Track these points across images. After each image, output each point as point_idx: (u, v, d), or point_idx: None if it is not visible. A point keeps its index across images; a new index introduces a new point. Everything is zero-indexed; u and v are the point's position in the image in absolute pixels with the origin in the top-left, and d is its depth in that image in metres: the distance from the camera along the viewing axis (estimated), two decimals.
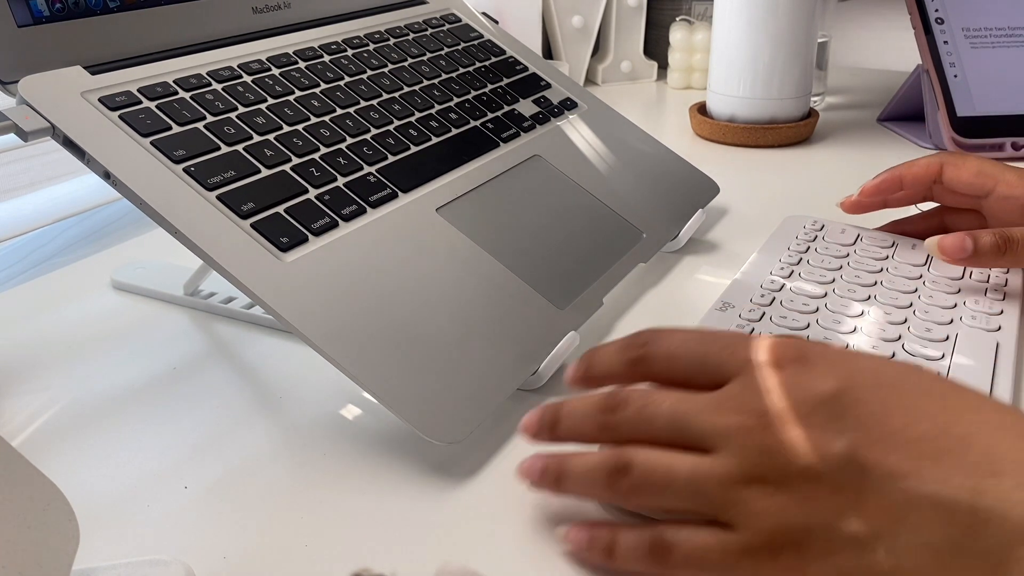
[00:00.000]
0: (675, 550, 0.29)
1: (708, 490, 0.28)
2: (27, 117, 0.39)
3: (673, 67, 1.00)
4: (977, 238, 0.46)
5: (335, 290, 0.39)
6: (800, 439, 0.27)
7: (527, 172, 0.53)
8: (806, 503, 0.27)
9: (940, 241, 0.46)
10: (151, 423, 0.40)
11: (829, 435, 0.27)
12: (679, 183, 0.60)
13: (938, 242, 0.46)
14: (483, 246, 0.45)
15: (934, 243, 0.47)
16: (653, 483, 0.29)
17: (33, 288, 0.55)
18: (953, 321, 0.44)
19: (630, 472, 0.29)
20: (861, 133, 0.83)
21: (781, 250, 0.52)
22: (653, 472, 0.29)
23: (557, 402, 0.33)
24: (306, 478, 0.36)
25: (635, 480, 0.29)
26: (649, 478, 0.29)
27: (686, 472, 0.29)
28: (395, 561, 0.32)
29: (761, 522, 0.27)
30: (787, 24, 0.75)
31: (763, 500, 0.27)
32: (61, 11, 0.43)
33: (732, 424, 0.28)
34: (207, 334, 0.48)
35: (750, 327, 0.43)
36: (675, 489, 0.29)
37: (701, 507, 0.28)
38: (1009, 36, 0.79)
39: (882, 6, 1.59)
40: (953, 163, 0.51)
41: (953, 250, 0.46)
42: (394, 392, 0.36)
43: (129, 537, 0.33)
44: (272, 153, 0.44)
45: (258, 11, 0.53)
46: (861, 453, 0.26)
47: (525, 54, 0.65)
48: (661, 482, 0.29)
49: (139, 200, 0.38)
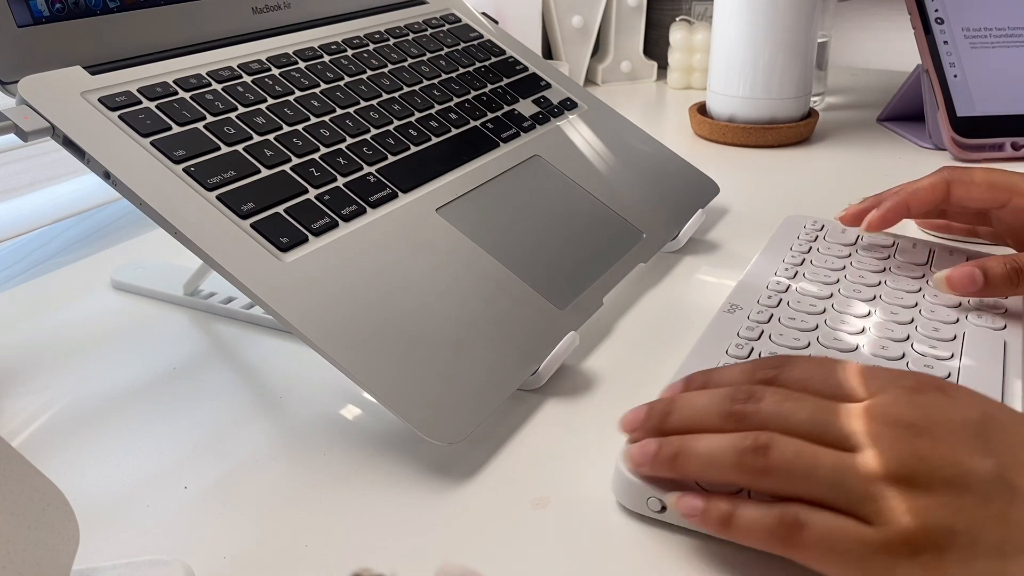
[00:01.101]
0: (808, 530, 0.29)
1: (852, 483, 0.28)
2: (27, 117, 0.39)
3: (673, 67, 1.00)
4: (987, 269, 0.44)
5: (335, 290, 0.39)
6: (951, 449, 0.28)
7: (527, 172, 0.53)
8: (952, 508, 0.27)
9: (948, 276, 0.45)
10: (151, 423, 0.40)
11: (978, 453, 0.28)
12: (679, 183, 0.60)
13: (946, 278, 0.45)
14: (483, 246, 0.45)
15: (942, 279, 0.45)
16: (793, 467, 0.29)
17: (33, 288, 0.55)
18: (959, 320, 0.44)
19: (768, 453, 0.30)
20: (861, 133, 0.83)
21: (784, 251, 0.52)
22: (796, 456, 0.29)
23: (666, 397, 0.34)
24: (306, 478, 0.36)
25: (773, 461, 0.29)
26: (790, 461, 0.29)
27: (830, 462, 0.29)
28: (395, 561, 0.32)
29: (905, 520, 0.27)
30: (787, 24, 0.75)
31: (909, 500, 0.28)
32: (61, 11, 0.43)
33: (881, 427, 0.29)
34: (207, 334, 0.48)
35: (759, 329, 0.43)
36: (816, 477, 0.29)
37: (838, 499, 0.29)
38: (1009, 36, 0.79)
39: (882, 6, 1.59)
40: (960, 181, 0.49)
41: (963, 285, 0.44)
42: (394, 392, 0.36)
43: (129, 537, 0.33)
44: (272, 153, 0.44)
45: (258, 11, 0.53)
46: (1010, 474, 0.27)
47: (525, 54, 0.65)
48: (803, 467, 0.29)
49: (139, 200, 0.38)
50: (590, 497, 0.35)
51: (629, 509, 0.34)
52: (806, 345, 0.42)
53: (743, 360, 0.40)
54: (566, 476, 0.36)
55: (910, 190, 0.50)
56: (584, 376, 0.43)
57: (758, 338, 0.42)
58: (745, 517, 0.30)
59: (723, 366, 0.35)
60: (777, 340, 0.42)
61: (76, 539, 0.25)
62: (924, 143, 0.79)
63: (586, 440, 0.38)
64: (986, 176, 0.48)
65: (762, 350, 0.41)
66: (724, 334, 0.43)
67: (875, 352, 0.41)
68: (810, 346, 0.42)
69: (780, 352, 0.41)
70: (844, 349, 0.42)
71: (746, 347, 0.41)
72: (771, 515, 0.29)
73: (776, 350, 0.41)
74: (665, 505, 0.32)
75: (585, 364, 0.44)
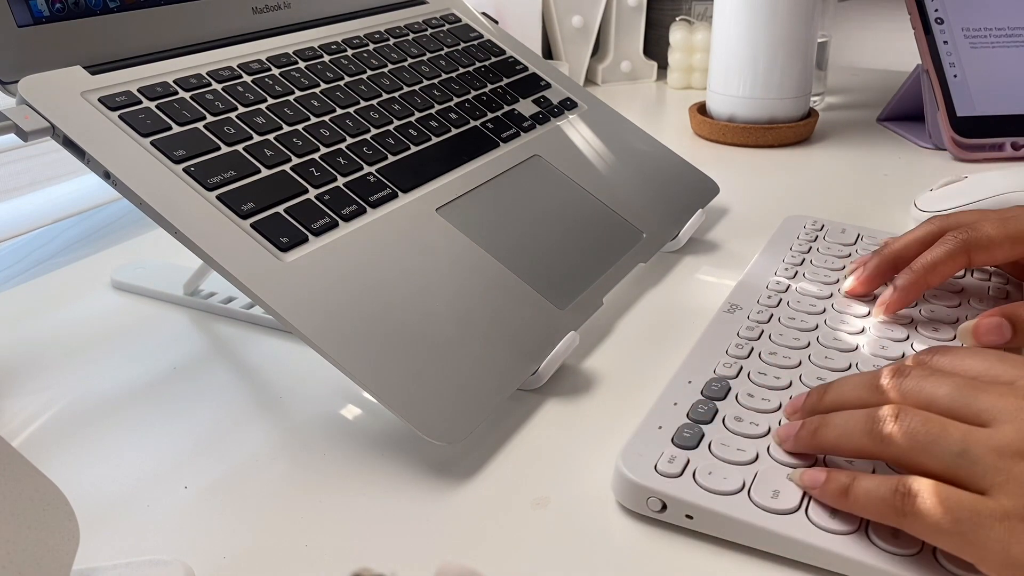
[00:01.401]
0: (922, 499, 0.29)
1: (978, 454, 0.29)
2: (27, 117, 0.39)
3: (673, 67, 1.00)
4: (1016, 319, 0.40)
5: (335, 290, 0.39)
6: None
7: (527, 172, 0.53)
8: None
9: (975, 328, 0.40)
10: (151, 423, 0.40)
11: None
12: (679, 183, 0.60)
13: (972, 329, 0.40)
14: (483, 246, 0.45)
15: (968, 331, 0.41)
16: (923, 433, 0.30)
17: (33, 288, 0.55)
18: (959, 320, 0.44)
19: (900, 418, 0.31)
20: (861, 133, 0.83)
21: (784, 251, 0.52)
22: (924, 424, 0.30)
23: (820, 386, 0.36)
24: (306, 478, 0.36)
25: (904, 427, 0.30)
26: (916, 429, 0.30)
27: (959, 433, 0.30)
28: (395, 561, 0.32)
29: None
30: (787, 24, 0.75)
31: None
32: (61, 11, 0.43)
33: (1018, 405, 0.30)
34: (207, 334, 0.48)
35: (759, 329, 0.43)
36: (944, 445, 0.30)
37: (960, 468, 0.29)
38: (1009, 36, 0.79)
39: (882, 6, 1.59)
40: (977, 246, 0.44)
41: (990, 336, 0.40)
42: (394, 392, 0.36)
43: (129, 537, 0.33)
44: (272, 153, 0.44)
45: (258, 11, 0.53)
46: None
47: (525, 54, 0.65)
48: (932, 434, 0.30)
49: (139, 200, 0.38)
50: (590, 497, 0.35)
51: (629, 509, 0.34)
52: (806, 345, 0.42)
53: (743, 359, 0.41)
54: (566, 476, 0.36)
55: (927, 265, 0.44)
56: (584, 376, 0.43)
57: (758, 338, 0.42)
58: (862, 487, 0.31)
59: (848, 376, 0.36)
60: (777, 340, 0.42)
61: (76, 539, 0.25)
62: (924, 143, 0.79)
63: (586, 440, 0.38)
64: (1001, 230, 0.44)
65: (762, 350, 0.41)
66: (724, 334, 0.43)
67: (875, 352, 0.41)
68: (810, 346, 0.42)
69: (779, 352, 0.41)
70: (844, 349, 0.42)
71: (746, 347, 0.41)
72: (887, 485, 0.30)
73: (776, 350, 0.41)
74: (665, 505, 0.33)
75: (585, 364, 0.44)
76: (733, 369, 0.40)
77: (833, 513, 0.31)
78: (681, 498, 0.32)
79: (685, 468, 0.33)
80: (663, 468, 0.33)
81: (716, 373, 0.39)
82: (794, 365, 0.40)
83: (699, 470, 0.33)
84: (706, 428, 0.36)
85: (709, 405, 0.37)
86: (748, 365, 0.40)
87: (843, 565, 0.30)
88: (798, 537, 0.31)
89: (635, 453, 0.34)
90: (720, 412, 0.37)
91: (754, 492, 0.32)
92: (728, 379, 0.39)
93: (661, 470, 0.33)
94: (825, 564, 0.31)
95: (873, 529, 0.31)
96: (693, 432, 0.35)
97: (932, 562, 0.30)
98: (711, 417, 0.36)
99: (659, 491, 0.32)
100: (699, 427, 0.35)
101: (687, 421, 0.36)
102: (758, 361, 0.40)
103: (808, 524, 0.31)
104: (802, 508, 0.32)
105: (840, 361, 0.41)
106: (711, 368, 0.40)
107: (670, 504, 0.32)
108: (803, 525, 0.31)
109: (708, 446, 0.35)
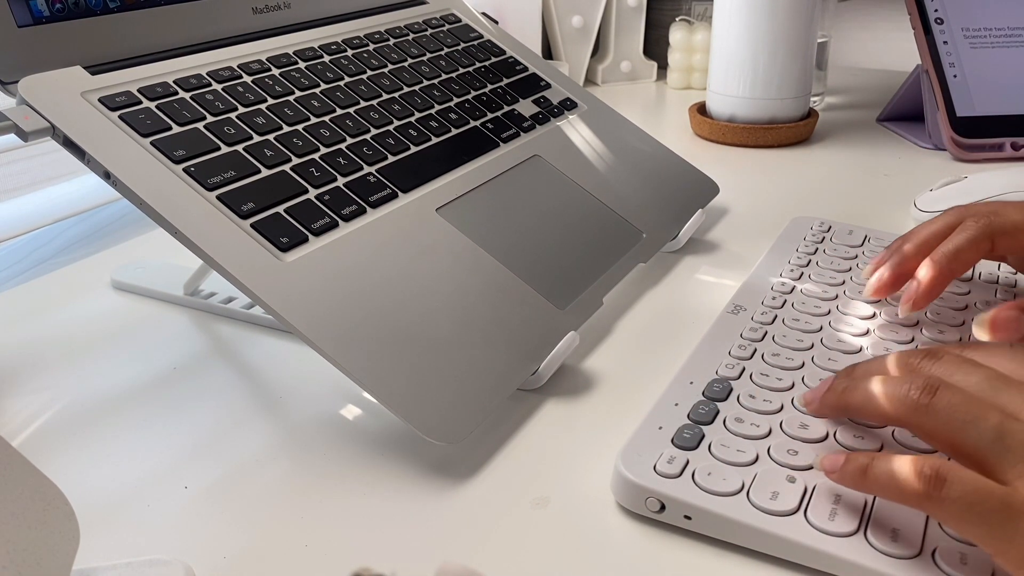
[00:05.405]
0: (949, 486, 0.28)
1: (1012, 444, 0.28)
2: (27, 117, 0.39)
3: (673, 67, 1.00)
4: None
5: (335, 290, 0.39)
6: None
7: (527, 172, 0.53)
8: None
9: (992, 320, 0.39)
10: (151, 423, 0.40)
11: None
12: (679, 183, 0.60)
13: (988, 322, 0.39)
14: (483, 246, 0.45)
15: (984, 323, 0.40)
16: (964, 411, 0.29)
17: (33, 288, 0.55)
18: (965, 323, 0.44)
19: (942, 392, 0.30)
20: (861, 133, 0.83)
21: (789, 252, 0.52)
22: (964, 402, 0.29)
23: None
24: (306, 478, 0.36)
25: (946, 400, 0.30)
26: (956, 406, 0.29)
27: (998, 418, 0.29)
28: (395, 561, 0.32)
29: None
30: (787, 24, 0.75)
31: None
32: (61, 11, 0.43)
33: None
34: (207, 334, 0.48)
35: (763, 330, 0.43)
36: (983, 427, 0.29)
37: (994, 455, 0.29)
38: (1009, 36, 0.79)
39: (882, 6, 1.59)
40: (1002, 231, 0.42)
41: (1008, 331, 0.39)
42: (394, 392, 0.36)
43: (129, 537, 0.33)
44: (272, 153, 0.44)
45: (258, 11, 0.53)
46: None
47: (525, 54, 0.65)
48: (973, 413, 0.29)
49: (139, 200, 0.38)
50: (590, 497, 0.35)
51: (629, 509, 0.34)
52: (809, 346, 0.42)
53: (745, 360, 0.41)
54: (566, 476, 0.36)
55: (949, 253, 0.43)
56: (584, 376, 0.43)
57: (761, 339, 0.42)
58: (882, 468, 0.30)
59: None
60: (780, 341, 0.42)
61: (76, 539, 0.25)
62: (924, 143, 0.79)
63: (586, 440, 0.38)
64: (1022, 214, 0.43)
65: (765, 351, 0.41)
66: (727, 335, 0.43)
67: (878, 354, 0.41)
68: (813, 347, 0.42)
69: (782, 353, 0.41)
70: (847, 351, 0.42)
71: (749, 348, 0.41)
72: (911, 467, 0.29)
73: (779, 351, 0.41)
74: (664, 505, 0.33)
75: (585, 364, 0.44)
76: (735, 370, 0.40)
77: (832, 515, 0.31)
78: (680, 499, 0.32)
79: (684, 469, 0.33)
80: (662, 468, 0.33)
81: (718, 374, 0.39)
82: (797, 366, 0.40)
83: (698, 471, 0.33)
84: (706, 429, 0.36)
85: (710, 406, 0.37)
86: (751, 366, 0.40)
87: (841, 567, 0.30)
88: (796, 539, 0.31)
89: (634, 453, 0.34)
90: (721, 413, 0.37)
91: (753, 493, 0.32)
92: (730, 380, 0.39)
93: (660, 470, 0.33)
94: (823, 566, 0.31)
95: (871, 531, 0.31)
96: (693, 433, 0.35)
97: (930, 565, 0.30)
98: (712, 418, 0.36)
99: (658, 491, 0.32)
100: (699, 428, 0.35)
101: (687, 422, 0.36)
102: (761, 362, 0.40)
103: (807, 526, 0.31)
104: (801, 510, 0.32)
105: (844, 363, 0.40)
106: (713, 369, 0.40)
107: (669, 505, 0.32)
108: (802, 527, 0.31)
109: (708, 447, 0.35)
